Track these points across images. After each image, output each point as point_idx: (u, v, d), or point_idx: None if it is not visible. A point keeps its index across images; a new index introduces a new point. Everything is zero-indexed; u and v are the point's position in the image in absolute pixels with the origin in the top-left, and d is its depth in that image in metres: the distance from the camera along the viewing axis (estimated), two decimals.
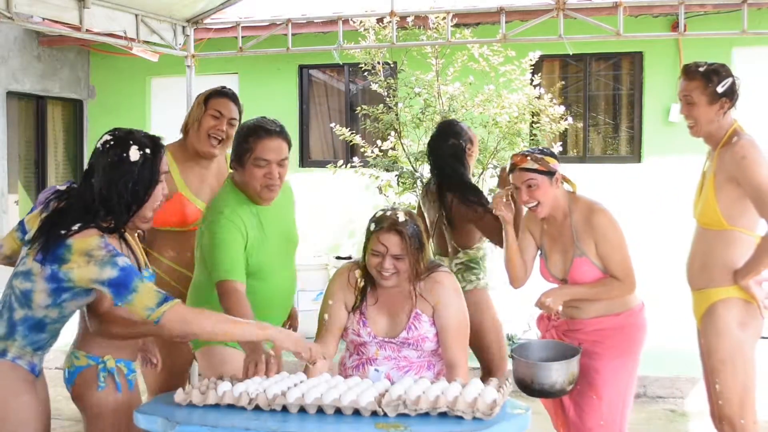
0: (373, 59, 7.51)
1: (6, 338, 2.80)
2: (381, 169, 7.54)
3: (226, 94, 3.86)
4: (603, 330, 3.51)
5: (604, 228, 3.45)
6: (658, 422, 5.65)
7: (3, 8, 4.76)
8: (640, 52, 8.23)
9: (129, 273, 2.65)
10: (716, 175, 3.39)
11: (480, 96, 7.34)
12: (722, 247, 3.40)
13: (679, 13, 5.63)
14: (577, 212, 3.51)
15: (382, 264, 3.05)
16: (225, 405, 2.72)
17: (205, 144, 3.77)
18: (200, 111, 3.79)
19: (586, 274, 3.48)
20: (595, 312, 3.52)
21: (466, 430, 2.50)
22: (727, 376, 3.40)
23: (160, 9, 5.81)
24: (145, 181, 2.76)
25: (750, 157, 3.31)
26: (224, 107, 3.79)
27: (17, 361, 2.81)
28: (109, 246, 2.68)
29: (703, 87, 3.43)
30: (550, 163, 3.48)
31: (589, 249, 3.47)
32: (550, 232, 3.60)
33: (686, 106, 3.51)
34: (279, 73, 9.29)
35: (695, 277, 3.52)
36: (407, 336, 3.15)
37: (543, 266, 3.66)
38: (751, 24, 5.63)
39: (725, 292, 3.40)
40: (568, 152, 8.72)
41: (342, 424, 2.56)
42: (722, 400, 3.41)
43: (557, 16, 5.64)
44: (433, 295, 3.14)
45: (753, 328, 3.43)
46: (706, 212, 3.42)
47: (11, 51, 8.34)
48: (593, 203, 3.53)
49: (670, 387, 6.37)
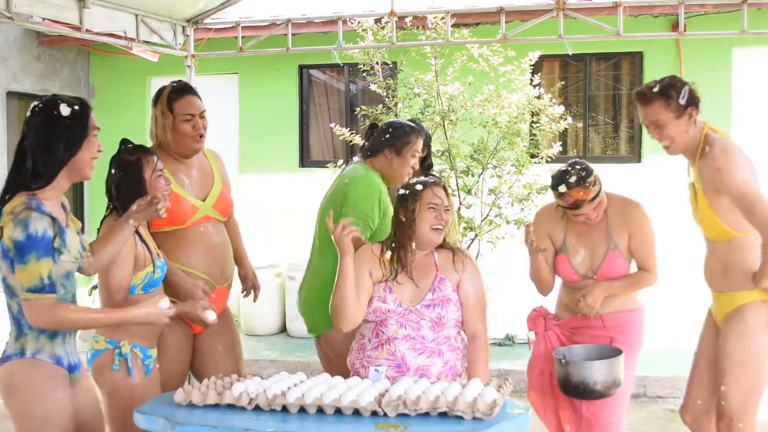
0: (372, 59, 7.51)
1: (19, 336, 2.83)
2: None
3: (186, 90, 3.76)
4: (620, 325, 3.55)
5: (640, 220, 3.54)
6: (658, 422, 5.66)
7: (3, 8, 4.76)
8: (640, 52, 8.22)
9: (33, 244, 2.69)
10: (705, 188, 3.36)
11: (479, 96, 7.33)
12: (738, 254, 3.38)
13: (679, 13, 5.64)
14: (612, 207, 3.56)
15: (440, 216, 3.25)
16: (225, 405, 2.72)
17: (189, 144, 3.71)
18: (168, 120, 3.68)
19: (618, 267, 3.54)
20: (613, 307, 3.55)
21: (466, 430, 2.50)
22: (737, 378, 3.36)
23: (160, 9, 5.81)
24: (77, 132, 2.86)
25: (724, 167, 3.25)
26: (191, 106, 3.71)
27: (38, 356, 2.82)
28: (33, 205, 2.73)
29: (666, 105, 3.31)
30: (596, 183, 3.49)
31: (623, 242, 3.53)
32: (578, 229, 3.60)
33: (656, 131, 3.38)
34: (279, 73, 9.28)
35: (717, 280, 3.48)
36: (432, 297, 3.24)
37: (566, 264, 3.63)
38: (751, 24, 5.63)
39: (749, 295, 3.36)
40: (568, 152, 8.71)
41: (342, 424, 2.56)
42: (725, 401, 3.37)
43: (557, 16, 5.65)
44: (457, 267, 3.30)
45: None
46: (711, 226, 3.41)
47: (11, 51, 8.34)
48: (626, 198, 3.62)
49: (670, 387, 6.36)
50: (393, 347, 3.20)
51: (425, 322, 3.23)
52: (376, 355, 3.21)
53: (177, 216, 3.63)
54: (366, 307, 3.24)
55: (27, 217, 2.70)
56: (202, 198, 3.74)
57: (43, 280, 2.71)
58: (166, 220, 3.56)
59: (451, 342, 3.28)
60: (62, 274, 2.84)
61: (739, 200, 3.22)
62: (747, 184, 3.23)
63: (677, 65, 8.08)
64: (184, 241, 3.66)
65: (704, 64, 7.98)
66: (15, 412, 2.83)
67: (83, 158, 2.87)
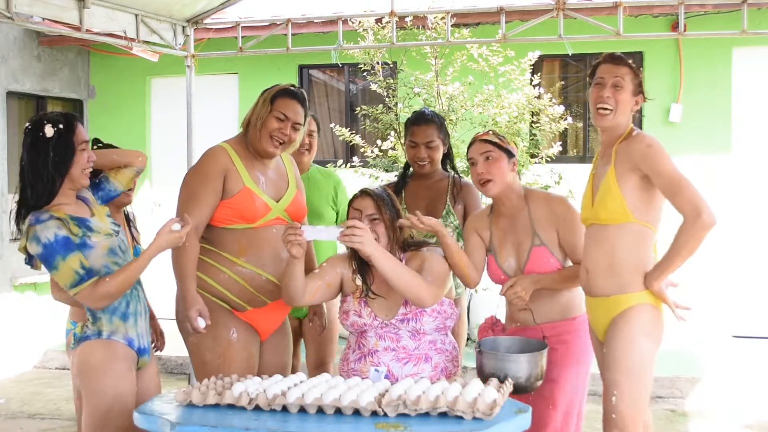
0: (372, 59, 7.51)
1: (95, 321, 3.16)
2: (381, 169, 7.54)
3: (296, 95, 3.63)
4: (558, 335, 3.36)
5: (567, 214, 3.41)
6: (658, 422, 5.65)
7: (3, 8, 4.76)
8: (640, 52, 8.22)
9: (52, 251, 2.99)
10: (616, 167, 3.19)
11: (479, 96, 7.34)
12: (629, 244, 3.17)
13: (679, 13, 5.64)
14: (535, 202, 3.45)
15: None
16: (225, 405, 2.72)
17: (267, 144, 3.58)
18: (265, 110, 3.59)
19: (545, 264, 3.38)
20: (550, 316, 3.39)
21: (466, 430, 2.50)
22: (629, 389, 3.14)
23: (160, 9, 5.81)
24: (61, 152, 3.06)
25: (655, 146, 3.14)
26: (291, 110, 3.59)
27: (113, 337, 3.15)
28: (33, 221, 3.00)
29: (633, 75, 3.30)
30: (509, 144, 3.46)
31: (550, 238, 3.39)
32: (502, 226, 3.49)
33: (611, 89, 3.26)
34: (279, 73, 9.26)
35: (600, 281, 3.23)
36: (405, 311, 3.22)
37: (493, 264, 3.49)
38: (751, 24, 5.64)
39: (636, 297, 3.17)
40: (568, 152, 8.72)
41: (342, 424, 2.56)
42: (616, 414, 3.15)
43: (557, 16, 5.65)
44: (419, 268, 3.25)
45: (657, 337, 3.22)
46: (610, 205, 3.17)
47: (11, 51, 8.33)
48: (550, 193, 3.55)
49: (670, 387, 6.37)
50: (376, 359, 3.21)
51: (404, 332, 3.24)
52: (359, 368, 3.23)
53: (248, 213, 3.53)
54: (315, 294, 3.30)
55: (34, 232, 2.99)
56: (276, 199, 3.62)
57: (78, 273, 3.02)
58: (236, 215, 3.51)
59: (437, 346, 3.28)
60: (104, 253, 3.12)
61: (669, 179, 3.08)
62: (675, 166, 3.12)
63: (677, 65, 8.08)
64: (256, 240, 3.54)
65: (704, 64, 7.99)
66: (89, 388, 3.12)
67: (74, 173, 3.11)
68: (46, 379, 7.29)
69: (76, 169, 3.10)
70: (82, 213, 3.16)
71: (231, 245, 3.52)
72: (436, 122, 4.24)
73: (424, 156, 4.19)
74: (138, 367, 3.24)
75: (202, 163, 3.58)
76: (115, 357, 3.13)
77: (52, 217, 3.01)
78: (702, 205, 3.02)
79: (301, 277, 3.21)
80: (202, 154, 3.64)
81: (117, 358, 3.13)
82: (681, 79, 8.06)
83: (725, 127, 8.04)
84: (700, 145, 7.98)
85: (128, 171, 3.43)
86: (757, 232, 7.99)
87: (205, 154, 3.63)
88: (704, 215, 3.00)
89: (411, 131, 4.27)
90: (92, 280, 3.02)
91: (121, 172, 3.41)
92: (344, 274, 3.34)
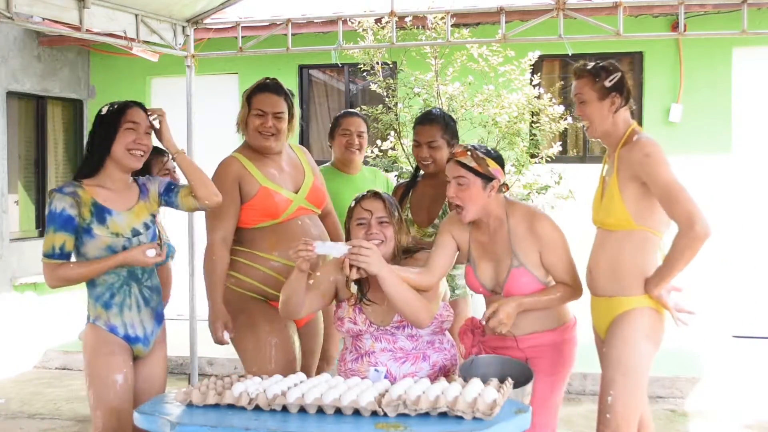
0: (372, 59, 7.51)
1: (89, 306, 3.35)
2: (381, 168, 7.53)
3: (268, 87, 3.79)
4: (538, 347, 3.30)
5: (549, 235, 3.27)
6: (658, 422, 5.65)
7: (3, 8, 4.76)
8: (640, 52, 8.22)
9: (51, 219, 3.19)
10: (619, 174, 3.21)
11: (479, 96, 7.33)
12: (632, 250, 3.21)
13: (679, 13, 5.63)
14: (516, 220, 3.30)
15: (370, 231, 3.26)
16: (225, 405, 2.72)
17: (258, 141, 3.77)
18: (245, 111, 3.80)
19: (525, 285, 3.27)
20: (531, 327, 3.31)
21: (466, 430, 2.50)
22: (625, 390, 3.17)
23: (160, 9, 5.81)
24: (105, 129, 3.29)
25: (653, 155, 3.13)
26: (266, 103, 3.75)
27: (96, 322, 3.32)
28: (59, 188, 3.21)
29: (592, 83, 3.29)
30: (490, 166, 3.25)
31: (529, 259, 3.27)
32: (480, 240, 3.38)
33: (579, 106, 3.35)
34: (279, 73, 9.20)
35: (603, 282, 3.29)
36: (401, 318, 3.21)
37: (472, 275, 3.40)
38: (751, 24, 5.63)
39: (637, 301, 3.20)
40: (568, 152, 8.71)
41: (342, 424, 2.56)
42: (611, 414, 3.17)
43: (557, 16, 5.64)
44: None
45: (657, 341, 3.25)
46: (613, 212, 3.22)
47: (11, 51, 8.32)
48: (533, 209, 3.37)
49: (670, 387, 6.37)
50: (373, 359, 3.20)
51: (400, 335, 3.23)
52: (357, 368, 3.22)
53: (271, 209, 3.69)
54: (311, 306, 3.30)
55: (52, 198, 3.21)
56: (294, 190, 3.78)
57: (55, 249, 3.20)
58: (260, 214, 3.68)
59: (435, 345, 3.27)
60: (102, 247, 3.24)
61: (665, 188, 3.08)
62: (673, 174, 3.11)
63: (677, 65, 8.08)
64: (283, 234, 3.69)
65: (704, 64, 7.98)
66: (84, 370, 3.35)
67: (117, 150, 3.26)
68: (46, 379, 7.29)
69: (119, 146, 3.26)
70: (114, 203, 3.28)
71: (262, 243, 3.69)
72: (440, 122, 4.25)
73: (426, 155, 4.21)
74: (135, 356, 3.37)
75: (217, 177, 3.71)
76: (98, 341, 3.29)
77: (74, 193, 3.21)
78: (696, 216, 3.02)
79: (302, 291, 3.20)
80: (216, 169, 3.80)
81: (99, 341, 3.29)
82: (681, 79, 8.06)
83: (725, 127, 8.04)
84: (700, 145, 7.97)
85: (197, 202, 3.44)
86: (757, 232, 7.99)
87: (218, 168, 3.79)
88: (697, 226, 3.01)
89: (416, 130, 4.32)
90: (60, 261, 3.21)
91: (191, 199, 3.43)
92: (338, 281, 3.32)
